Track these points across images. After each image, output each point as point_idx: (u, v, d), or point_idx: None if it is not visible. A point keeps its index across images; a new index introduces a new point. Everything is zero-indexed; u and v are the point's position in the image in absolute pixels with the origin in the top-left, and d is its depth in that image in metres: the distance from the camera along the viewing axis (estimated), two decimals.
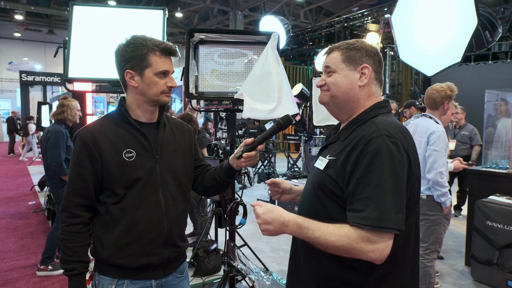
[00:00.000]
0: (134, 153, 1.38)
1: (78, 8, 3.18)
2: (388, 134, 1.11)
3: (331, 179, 1.17)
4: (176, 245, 1.46)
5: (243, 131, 9.49)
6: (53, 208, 4.48)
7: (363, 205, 1.07)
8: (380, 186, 1.06)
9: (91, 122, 1.47)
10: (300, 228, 1.13)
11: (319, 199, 1.21)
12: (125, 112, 1.41)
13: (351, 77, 1.23)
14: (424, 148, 2.81)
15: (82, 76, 3.18)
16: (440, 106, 2.87)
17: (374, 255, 1.06)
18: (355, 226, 1.08)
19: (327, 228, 1.10)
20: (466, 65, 9.59)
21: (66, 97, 3.89)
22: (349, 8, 14.75)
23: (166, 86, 1.39)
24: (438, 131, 2.76)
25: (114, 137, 1.38)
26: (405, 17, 5.82)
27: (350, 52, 1.25)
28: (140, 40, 1.37)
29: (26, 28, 18.92)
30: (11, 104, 23.20)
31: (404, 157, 1.11)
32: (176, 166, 1.48)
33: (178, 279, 1.52)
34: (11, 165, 11.46)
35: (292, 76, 15.07)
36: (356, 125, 1.21)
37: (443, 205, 2.78)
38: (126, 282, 1.39)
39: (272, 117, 2.31)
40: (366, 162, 1.09)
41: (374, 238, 1.06)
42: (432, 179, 2.74)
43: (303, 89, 5.29)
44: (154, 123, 1.46)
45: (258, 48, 2.58)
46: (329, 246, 1.09)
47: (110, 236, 1.37)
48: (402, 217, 1.07)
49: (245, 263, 2.59)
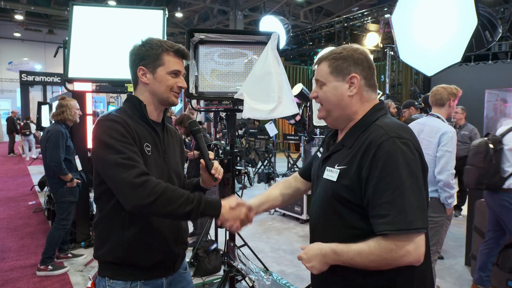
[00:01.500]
0: (151, 148, 1.39)
1: (78, 8, 3.18)
2: (398, 135, 1.11)
3: (347, 188, 1.15)
4: (185, 241, 1.51)
5: (243, 131, 9.49)
6: (53, 208, 4.48)
7: (386, 210, 1.06)
8: (399, 189, 1.06)
9: (109, 112, 1.41)
10: (336, 254, 1.14)
11: (336, 211, 1.19)
12: (144, 108, 1.41)
13: (340, 88, 1.23)
14: (435, 149, 2.75)
15: (82, 76, 3.18)
16: (446, 103, 2.84)
17: (408, 259, 1.06)
18: (381, 235, 1.07)
19: (357, 246, 1.10)
20: (466, 65, 9.59)
21: (64, 97, 3.89)
22: (349, 8, 14.75)
23: (177, 85, 1.41)
24: (451, 131, 2.72)
25: (136, 129, 1.36)
26: (405, 17, 5.82)
27: (337, 63, 1.23)
28: (156, 41, 1.41)
29: (26, 28, 18.91)
30: (11, 104, 23.19)
31: (416, 156, 1.11)
32: (177, 167, 1.51)
33: (184, 275, 1.56)
34: (11, 165, 11.46)
35: (292, 76, 15.07)
36: (360, 130, 1.20)
37: (448, 207, 2.76)
38: (138, 284, 1.37)
39: (272, 117, 2.31)
40: (380, 166, 1.08)
41: (402, 242, 1.05)
42: (444, 180, 2.68)
43: (303, 89, 5.29)
44: (160, 123, 1.49)
45: (258, 48, 2.58)
46: (365, 264, 1.10)
47: (126, 234, 1.33)
48: (426, 215, 1.08)
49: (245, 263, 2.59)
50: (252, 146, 9.81)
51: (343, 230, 1.17)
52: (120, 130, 1.28)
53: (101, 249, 1.37)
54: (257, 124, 10.07)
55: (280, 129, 14.13)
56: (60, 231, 3.70)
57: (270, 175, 7.02)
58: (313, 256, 1.18)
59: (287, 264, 3.99)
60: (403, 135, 1.12)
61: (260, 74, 2.32)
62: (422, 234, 1.07)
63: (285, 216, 5.83)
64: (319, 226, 1.27)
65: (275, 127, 6.71)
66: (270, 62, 2.30)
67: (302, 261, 1.21)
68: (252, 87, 2.34)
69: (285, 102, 2.29)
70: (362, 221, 1.14)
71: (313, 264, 1.18)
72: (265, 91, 2.30)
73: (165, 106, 1.46)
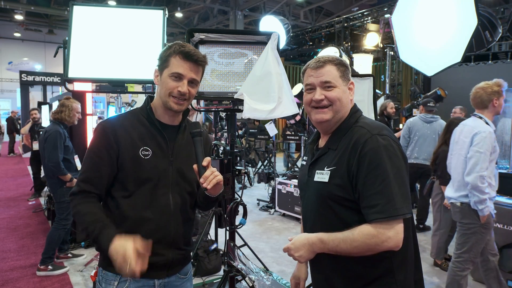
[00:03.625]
0: (150, 152, 1.39)
1: (78, 8, 3.18)
2: (378, 133, 1.23)
3: (339, 187, 1.24)
4: (181, 248, 1.47)
5: (243, 131, 9.49)
6: (53, 208, 4.48)
7: (376, 200, 1.17)
8: (386, 180, 1.17)
9: (115, 116, 1.50)
10: (323, 242, 1.22)
11: (332, 210, 1.27)
12: (150, 110, 1.44)
13: (346, 92, 1.34)
14: (467, 149, 2.63)
15: (82, 76, 3.18)
16: (489, 104, 2.63)
17: (389, 244, 1.16)
18: (365, 223, 1.18)
19: (342, 235, 1.19)
20: (466, 65, 9.59)
21: (69, 98, 3.89)
22: (349, 8, 14.74)
23: (177, 90, 1.37)
24: (485, 131, 2.55)
25: (134, 133, 1.39)
26: (405, 17, 5.82)
27: (343, 68, 1.33)
28: (173, 44, 1.41)
29: (26, 28, 18.89)
30: (11, 104, 23.18)
31: (396, 150, 1.23)
32: (189, 172, 1.44)
33: (181, 280, 1.53)
34: (11, 165, 11.46)
35: (292, 76, 15.07)
36: (343, 133, 1.31)
37: (480, 213, 2.56)
38: (129, 279, 1.39)
39: (272, 117, 2.31)
40: (367, 161, 1.19)
41: (383, 229, 1.15)
42: (471, 182, 2.52)
43: (303, 89, 5.29)
44: (176, 126, 1.48)
45: (258, 48, 2.58)
46: (349, 250, 1.18)
47: (117, 232, 1.34)
48: (409, 201, 1.20)
49: (245, 263, 2.59)
50: (252, 146, 9.80)
51: (341, 228, 1.21)
52: (99, 146, 1.38)
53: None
54: (257, 124, 10.07)
55: (280, 130, 14.12)
56: (60, 231, 3.70)
57: (270, 175, 7.01)
58: (301, 246, 1.26)
59: (287, 264, 3.99)
60: (383, 132, 1.24)
61: (260, 74, 2.32)
62: (401, 222, 1.18)
63: (285, 216, 5.83)
64: (315, 227, 1.31)
65: (275, 127, 6.70)
66: (270, 62, 2.30)
67: (290, 251, 1.28)
68: (252, 87, 2.34)
69: (285, 102, 2.29)
70: (355, 215, 1.23)
71: (301, 253, 1.26)
72: (265, 91, 2.30)
73: (169, 110, 1.42)
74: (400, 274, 1.24)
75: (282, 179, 5.93)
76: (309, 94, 1.35)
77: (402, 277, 1.24)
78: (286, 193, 5.75)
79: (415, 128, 5.00)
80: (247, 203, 2.23)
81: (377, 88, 6.84)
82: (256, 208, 6.40)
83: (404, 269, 1.26)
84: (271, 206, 6.18)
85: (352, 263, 1.23)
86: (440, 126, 4.73)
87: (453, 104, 6.24)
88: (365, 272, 1.24)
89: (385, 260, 1.22)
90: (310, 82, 1.33)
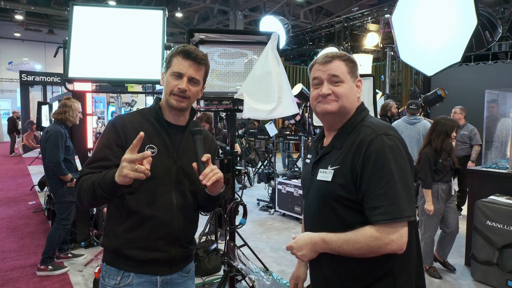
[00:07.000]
0: (156, 150, 1.41)
1: (78, 8, 3.17)
2: (384, 133, 1.20)
3: (342, 186, 1.22)
4: (184, 246, 1.49)
5: (243, 131, 9.49)
6: (53, 208, 4.48)
7: (380, 202, 1.14)
8: (391, 182, 1.14)
9: (125, 113, 1.54)
10: (326, 242, 1.21)
11: (333, 210, 1.25)
12: (159, 109, 1.47)
13: (354, 89, 1.31)
14: None
15: (82, 76, 3.18)
16: None
17: (392, 247, 1.14)
18: (369, 225, 1.15)
19: (345, 235, 1.18)
20: (466, 65, 9.59)
21: (69, 98, 3.89)
22: (349, 8, 14.73)
23: (177, 87, 1.40)
24: None
25: (141, 130, 1.38)
26: (405, 17, 5.82)
27: (351, 64, 1.31)
28: (177, 46, 1.45)
29: (26, 28, 18.87)
30: (11, 104, 23.17)
31: (402, 151, 1.20)
32: (193, 171, 1.42)
33: (184, 278, 1.54)
34: (11, 165, 11.46)
35: (292, 76, 15.07)
36: (348, 132, 1.28)
37: None
38: (132, 274, 1.42)
39: (272, 117, 2.31)
40: (372, 162, 1.17)
41: (387, 232, 1.13)
42: None
43: (303, 89, 5.28)
44: (182, 126, 1.50)
45: (258, 48, 2.58)
46: (351, 251, 1.17)
47: (122, 227, 1.40)
48: (413, 204, 1.18)
49: (245, 263, 2.59)
50: (252, 146, 9.81)
51: (341, 229, 1.20)
52: (109, 139, 1.41)
53: (103, 238, 1.49)
54: (257, 124, 10.07)
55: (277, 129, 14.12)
56: (60, 231, 3.70)
57: (270, 175, 7.01)
58: (304, 245, 1.25)
59: (287, 264, 3.99)
60: (389, 132, 1.21)
61: (260, 74, 2.32)
62: (406, 225, 1.15)
63: (285, 216, 5.83)
64: (315, 226, 1.31)
65: (275, 127, 6.70)
66: (270, 62, 2.30)
67: (293, 250, 1.27)
68: (252, 87, 2.34)
69: (285, 102, 2.29)
70: (357, 216, 1.20)
71: (304, 253, 1.25)
72: (265, 91, 2.30)
73: (172, 109, 1.44)
74: (401, 278, 1.21)
75: (282, 179, 5.93)
76: (315, 90, 1.31)
77: (402, 281, 1.21)
78: (286, 193, 5.75)
79: (399, 131, 4.99)
80: (247, 203, 2.22)
81: (377, 88, 6.84)
82: (256, 208, 6.41)
83: (406, 273, 1.23)
84: (271, 206, 6.18)
85: (352, 264, 1.21)
86: (424, 127, 4.75)
87: (453, 104, 6.24)
88: (364, 274, 1.22)
89: (386, 262, 1.20)
90: (317, 75, 1.30)
